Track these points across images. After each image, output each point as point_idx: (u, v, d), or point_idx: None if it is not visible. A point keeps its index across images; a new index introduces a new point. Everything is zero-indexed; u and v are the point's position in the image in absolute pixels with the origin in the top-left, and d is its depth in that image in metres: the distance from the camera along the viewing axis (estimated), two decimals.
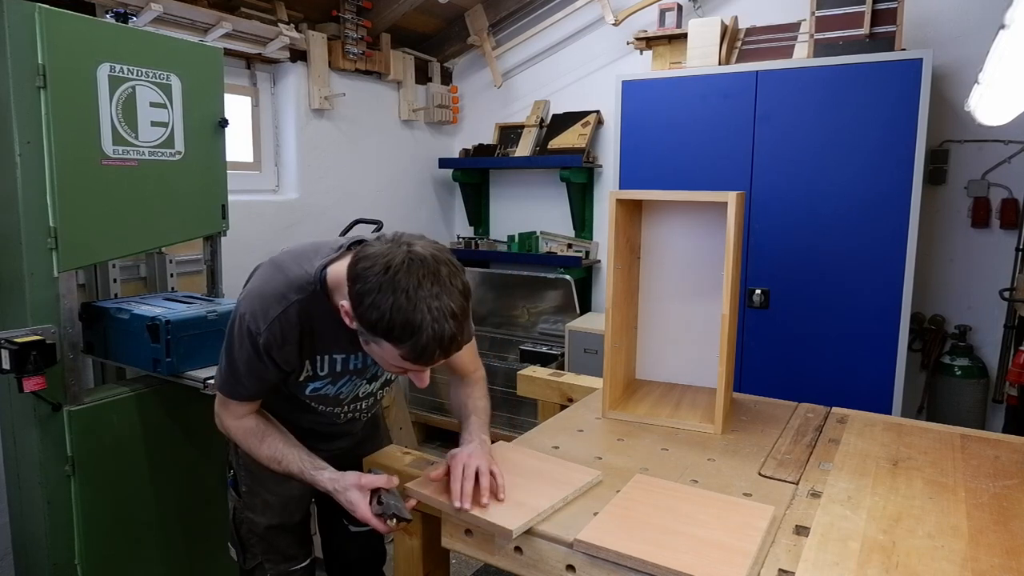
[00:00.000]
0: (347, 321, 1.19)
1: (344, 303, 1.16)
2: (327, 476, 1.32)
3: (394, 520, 1.25)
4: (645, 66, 3.43)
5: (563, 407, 1.98)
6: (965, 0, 2.89)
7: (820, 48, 2.68)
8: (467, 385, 1.55)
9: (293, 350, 1.29)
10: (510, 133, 4.03)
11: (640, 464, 1.49)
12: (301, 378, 1.37)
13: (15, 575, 2.11)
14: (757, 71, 2.75)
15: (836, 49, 2.64)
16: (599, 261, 3.89)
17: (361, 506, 1.26)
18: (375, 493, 1.28)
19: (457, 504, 1.23)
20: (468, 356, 1.53)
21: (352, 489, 1.28)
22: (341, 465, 1.60)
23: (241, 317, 1.28)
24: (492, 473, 1.29)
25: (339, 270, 1.23)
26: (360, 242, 1.30)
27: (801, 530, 1.20)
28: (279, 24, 3.06)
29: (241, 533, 1.57)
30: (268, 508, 1.54)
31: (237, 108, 3.21)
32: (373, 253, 1.10)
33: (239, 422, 1.39)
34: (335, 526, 1.74)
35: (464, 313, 1.13)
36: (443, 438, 3.94)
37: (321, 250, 1.30)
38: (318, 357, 1.36)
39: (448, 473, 1.29)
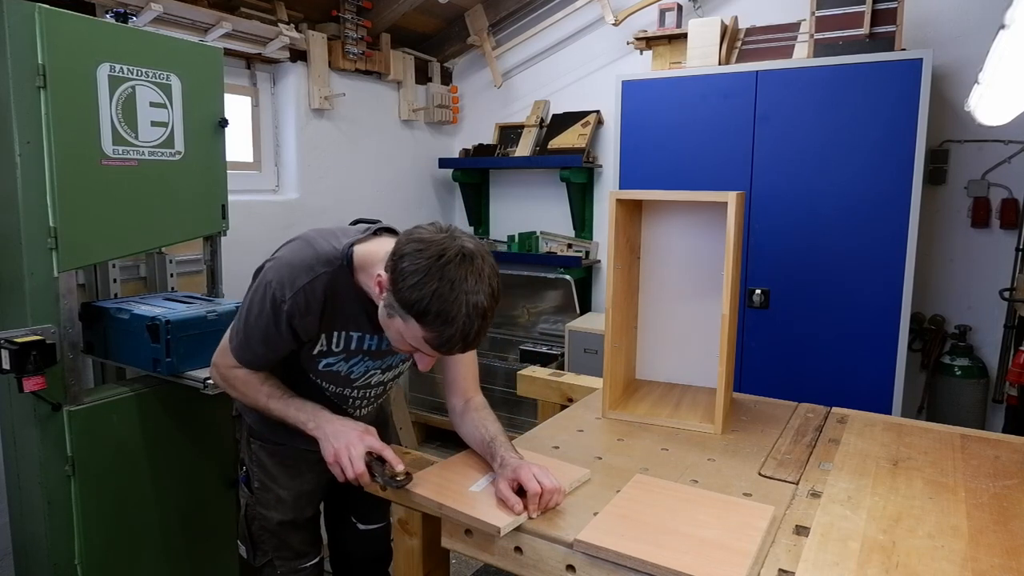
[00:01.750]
0: (375, 292, 1.24)
1: (381, 275, 1.20)
2: (331, 417, 1.35)
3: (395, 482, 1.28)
4: (645, 66, 3.43)
5: (563, 407, 1.98)
6: (965, 0, 2.89)
7: (820, 48, 2.68)
8: (474, 410, 1.47)
9: (314, 321, 1.33)
10: (510, 133, 4.03)
11: (640, 464, 1.49)
12: (315, 351, 1.39)
13: (15, 575, 2.11)
14: (757, 71, 2.74)
15: (836, 49, 2.64)
16: (599, 261, 3.89)
17: (358, 460, 1.28)
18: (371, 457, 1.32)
19: (535, 515, 1.23)
20: (471, 371, 1.52)
21: (368, 436, 1.32)
22: None
23: (268, 284, 1.30)
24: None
25: (366, 251, 1.30)
26: (388, 229, 1.37)
27: (801, 530, 1.20)
28: (279, 24, 3.06)
29: (252, 530, 1.58)
30: (280, 503, 1.55)
31: (237, 108, 3.21)
32: (427, 238, 1.16)
33: (238, 368, 1.41)
34: (344, 523, 1.74)
35: (492, 314, 1.17)
36: (443, 438, 3.94)
37: (348, 232, 1.36)
38: (335, 333, 1.38)
39: (514, 483, 1.25)
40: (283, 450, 1.54)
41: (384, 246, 1.29)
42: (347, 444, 1.30)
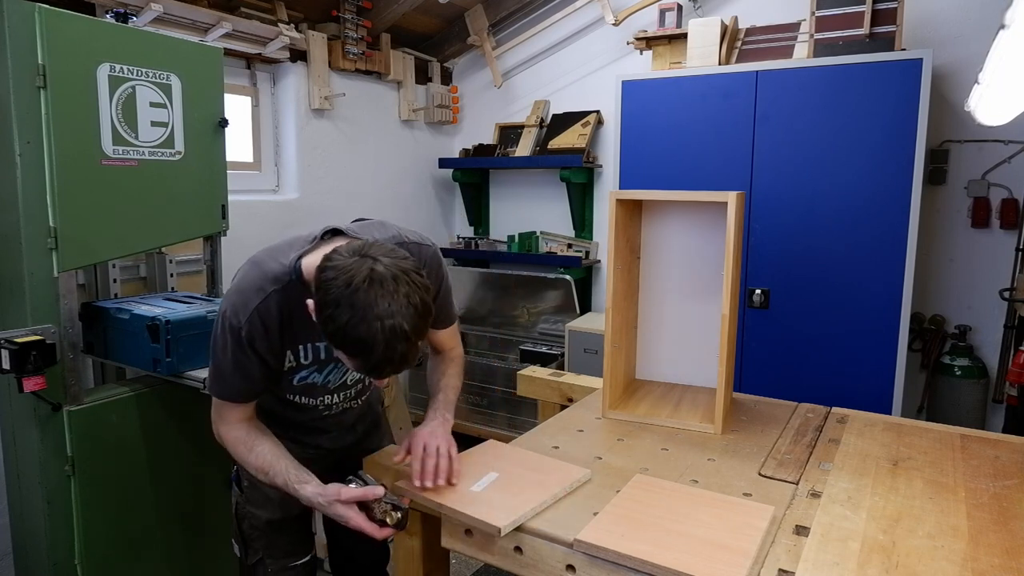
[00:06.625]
0: (314, 318, 1.21)
1: (309, 302, 1.18)
2: (310, 490, 1.30)
3: (397, 514, 1.25)
4: (645, 66, 3.43)
5: (563, 407, 1.98)
6: (965, 0, 2.89)
7: (820, 48, 2.68)
8: (444, 362, 1.61)
9: (276, 340, 1.32)
10: (510, 133, 4.03)
11: (640, 464, 1.49)
12: (285, 367, 1.39)
13: (15, 575, 2.11)
14: (757, 71, 2.74)
15: (836, 49, 2.64)
16: (599, 261, 3.89)
17: (353, 518, 1.25)
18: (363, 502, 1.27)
19: (417, 483, 1.30)
20: (447, 335, 1.60)
21: (336, 504, 1.26)
22: (340, 461, 1.58)
23: (223, 314, 1.31)
24: (449, 455, 1.35)
25: (313, 262, 1.25)
26: (335, 231, 1.34)
27: (801, 530, 1.20)
28: (279, 24, 3.06)
29: (243, 528, 1.59)
30: (268, 502, 1.55)
31: (237, 108, 3.21)
32: (338, 265, 1.12)
33: (230, 428, 1.39)
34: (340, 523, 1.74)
35: (418, 332, 1.13)
36: None
37: (295, 244, 1.34)
38: (300, 346, 1.38)
39: (409, 452, 1.36)
40: None
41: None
42: (333, 517, 1.28)
